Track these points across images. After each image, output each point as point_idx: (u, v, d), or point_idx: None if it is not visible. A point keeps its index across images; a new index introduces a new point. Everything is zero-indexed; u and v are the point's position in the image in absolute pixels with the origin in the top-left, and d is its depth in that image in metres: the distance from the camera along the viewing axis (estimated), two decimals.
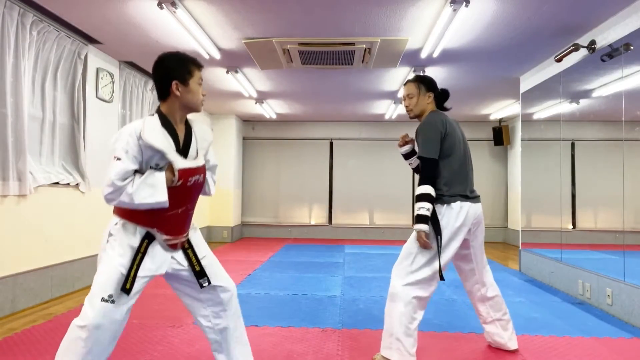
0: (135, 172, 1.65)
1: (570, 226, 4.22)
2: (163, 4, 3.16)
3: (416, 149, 2.55)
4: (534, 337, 2.79)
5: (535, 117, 4.95)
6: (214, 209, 7.81)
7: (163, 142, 1.65)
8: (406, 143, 2.58)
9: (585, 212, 4.18)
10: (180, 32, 3.71)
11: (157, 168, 1.66)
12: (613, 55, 3.38)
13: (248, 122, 8.50)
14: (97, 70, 4.31)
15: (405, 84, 2.49)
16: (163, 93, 1.73)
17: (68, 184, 3.82)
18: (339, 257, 6.10)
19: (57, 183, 3.67)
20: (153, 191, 1.61)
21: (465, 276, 2.51)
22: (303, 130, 8.49)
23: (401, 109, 6.79)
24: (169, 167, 1.67)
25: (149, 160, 1.65)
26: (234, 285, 1.96)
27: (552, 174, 4.40)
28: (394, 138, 8.24)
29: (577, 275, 3.88)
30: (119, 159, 1.60)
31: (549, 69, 4.46)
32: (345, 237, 8.33)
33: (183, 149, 1.73)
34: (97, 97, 4.31)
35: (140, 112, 5.05)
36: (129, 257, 1.66)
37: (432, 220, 2.27)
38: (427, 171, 2.28)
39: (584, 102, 4.02)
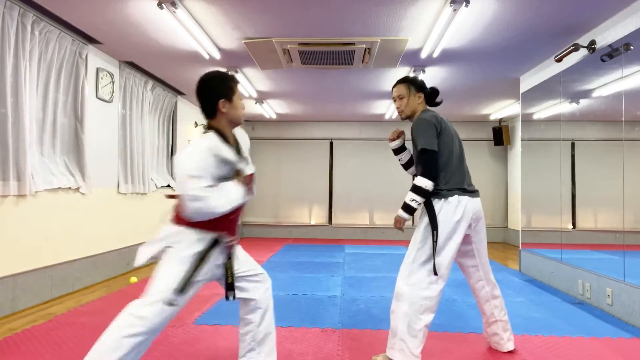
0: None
1: (570, 226, 4.22)
2: (163, 4, 3.16)
3: (406, 144, 2.58)
4: (534, 337, 2.79)
5: (535, 117, 4.95)
6: None
7: (231, 154, 1.80)
8: (397, 137, 2.61)
9: (585, 212, 4.18)
10: (181, 32, 3.71)
11: (225, 179, 1.78)
12: (613, 55, 3.38)
13: (248, 122, 8.50)
14: (97, 70, 4.31)
15: (394, 86, 2.51)
16: (211, 112, 1.85)
17: (69, 187, 3.81)
18: (339, 257, 6.10)
19: (59, 188, 3.67)
20: (229, 198, 1.73)
21: (469, 274, 2.50)
22: (303, 130, 8.49)
23: None
24: (236, 177, 1.81)
25: (220, 175, 1.77)
26: (269, 280, 2.16)
27: (552, 174, 4.40)
28: None
29: (577, 275, 3.88)
30: (199, 177, 1.67)
31: (549, 69, 4.46)
32: (345, 237, 8.33)
33: (237, 154, 1.89)
34: (97, 97, 4.31)
35: (140, 112, 5.06)
36: (189, 263, 1.75)
37: (430, 215, 2.28)
38: (428, 164, 2.29)
39: (584, 102, 4.02)
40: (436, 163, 2.30)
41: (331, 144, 8.53)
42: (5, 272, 3.17)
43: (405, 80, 2.48)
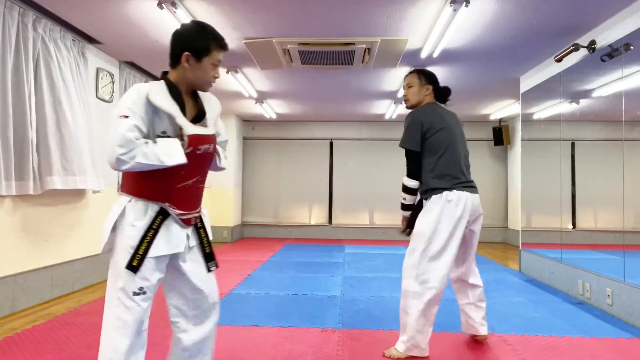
0: (143, 137, 1.52)
1: (570, 226, 4.22)
2: (163, 4, 3.16)
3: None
4: (534, 337, 2.79)
5: (535, 117, 4.95)
6: (214, 209, 7.81)
7: (171, 105, 1.55)
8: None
9: (585, 212, 4.18)
10: None
11: (165, 136, 1.54)
12: (613, 55, 3.38)
13: (248, 122, 8.50)
14: (97, 70, 4.31)
15: (406, 75, 2.58)
16: (173, 60, 1.64)
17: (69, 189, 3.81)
18: (339, 257, 6.10)
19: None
20: (169, 151, 1.49)
21: (457, 260, 2.50)
22: (303, 130, 8.48)
23: (401, 109, 6.79)
24: (178, 135, 1.56)
25: (155, 127, 1.54)
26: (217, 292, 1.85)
27: (552, 174, 4.40)
28: (394, 138, 8.24)
29: (577, 275, 3.88)
30: (126, 116, 1.45)
31: (549, 69, 4.46)
32: (345, 237, 8.33)
33: (193, 118, 1.65)
34: (97, 97, 4.31)
35: None
36: (139, 235, 1.53)
37: (429, 212, 2.33)
38: (408, 162, 2.39)
39: (584, 102, 4.02)
40: (415, 162, 2.37)
41: (331, 144, 8.52)
42: (5, 272, 3.17)
43: (417, 71, 2.56)
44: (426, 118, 2.36)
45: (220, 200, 7.73)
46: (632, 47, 3.17)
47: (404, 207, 2.45)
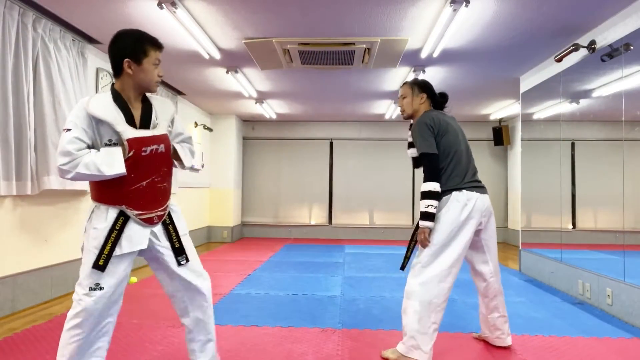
0: (89, 147, 1.64)
1: (570, 226, 4.22)
2: (163, 4, 3.16)
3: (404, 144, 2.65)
4: (534, 337, 2.79)
5: (535, 117, 4.95)
6: (214, 209, 7.81)
7: (110, 114, 1.65)
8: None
9: (585, 212, 4.18)
10: (180, 32, 3.71)
11: (112, 144, 1.65)
12: (613, 55, 3.38)
13: (248, 122, 8.50)
14: (97, 70, 4.31)
15: (400, 87, 2.61)
16: (116, 70, 1.75)
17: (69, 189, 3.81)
18: (339, 257, 6.10)
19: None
20: (111, 162, 1.60)
21: (479, 269, 2.50)
22: (303, 130, 8.49)
23: None
24: (122, 142, 1.67)
25: (101, 136, 1.65)
26: (208, 276, 1.97)
27: (552, 174, 4.40)
28: (394, 138, 8.25)
29: (577, 275, 3.88)
30: (69, 129, 1.59)
31: (549, 69, 4.46)
32: (345, 237, 8.33)
33: (140, 123, 1.73)
34: None
35: None
36: (102, 238, 1.65)
37: (439, 213, 2.32)
38: (428, 166, 2.33)
39: (584, 102, 4.02)
40: (438, 165, 2.33)
41: (331, 144, 8.52)
42: (5, 272, 3.17)
43: (409, 82, 2.58)
44: (432, 122, 2.36)
45: (220, 200, 7.73)
46: (632, 47, 3.17)
47: (430, 216, 2.26)
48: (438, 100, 2.56)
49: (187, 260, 1.83)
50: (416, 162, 2.63)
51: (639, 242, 3.27)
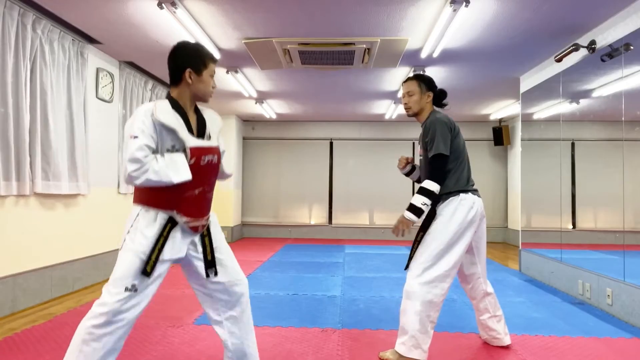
0: (154, 152, 1.67)
1: (570, 226, 4.22)
2: (163, 4, 3.16)
3: (416, 163, 2.61)
4: (534, 337, 2.79)
5: (535, 117, 4.95)
6: (214, 209, 7.74)
7: (175, 121, 1.69)
8: (407, 163, 2.66)
9: (585, 212, 4.18)
10: (180, 32, 3.71)
11: (174, 150, 1.69)
12: (613, 55, 3.38)
13: (248, 122, 8.50)
14: (97, 70, 4.31)
15: (405, 82, 2.52)
16: (176, 79, 1.79)
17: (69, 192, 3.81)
18: (339, 257, 6.10)
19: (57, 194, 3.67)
20: (176, 168, 1.64)
21: (467, 270, 2.52)
22: (303, 130, 8.49)
23: (401, 109, 6.79)
24: (183, 148, 1.71)
25: (164, 142, 1.68)
26: (246, 282, 1.99)
27: (552, 174, 4.40)
28: (394, 138, 8.25)
29: (577, 275, 3.88)
30: (136, 137, 1.61)
31: (549, 69, 4.46)
32: (345, 237, 8.33)
33: (197, 131, 1.79)
34: (97, 97, 4.31)
35: None
36: (150, 243, 1.67)
37: (443, 214, 2.32)
38: (439, 168, 2.32)
39: (584, 102, 4.02)
40: (446, 167, 2.34)
41: (331, 144, 8.52)
42: (5, 272, 3.17)
43: (417, 77, 2.49)
44: (450, 123, 2.36)
45: (220, 200, 7.73)
46: (632, 47, 3.17)
47: (419, 213, 2.30)
48: (440, 98, 2.52)
49: (216, 274, 1.86)
50: (418, 180, 2.63)
51: (639, 242, 3.27)
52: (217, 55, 4.29)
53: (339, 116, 7.95)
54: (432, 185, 2.28)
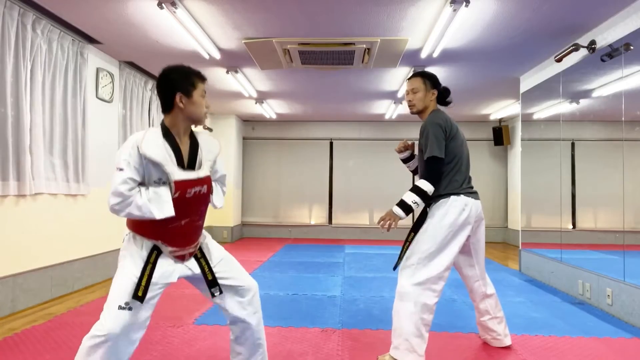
0: (140, 184, 1.67)
1: (570, 226, 4.22)
2: (163, 4, 3.16)
3: (415, 152, 2.58)
4: (534, 337, 2.79)
5: (535, 117, 4.95)
6: (214, 209, 7.79)
7: (161, 154, 1.67)
8: (406, 149, 2.61)
9: (585, 212, 4.18)
10: (180, 32, 3.71)
11: (161, 182, 1.68)
12: (613, 55, 3.38)
13: (248, 122, 8.50)
14: (97, 70, 4.31)
15: (409, 78, 2.48)
16: (167, 106, 1.75)
17: (68, 193, 3.81)
18: (339, 257, 6.10)
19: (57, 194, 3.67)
20: (160, 205, 1.64)
21: (465, 272, 2.52)
22: (303, 130, 8.49)
23: (401, 109, 6.79)
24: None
25: (150, 174, 1.67)
26: (256, 285, 2.02)
27: (552, 174, 4.40)
28: (394, 138, 8.25)
29: (577, 275, 3.88)
30: (121, 169, 1.62)
31: (549, 69, 4.46)
32: (345, 237, 8.33)
33: (188, 161, 1.76)
34: (97, 97, 4.31)
35: (140, 112, 5.05)
36: (140, 266, 1.70)
37: (434, 216, 2.30)
38: (433, 170, 2.30)
39: (584, 102, 4.02)
40: (441, 169, 2.31)
41: (331, 144, 8.52)
42: (5, 272, 3.17)
43: (422, 74, 2.45)
44: (445, 124, 2.32)
45: None
46: (632, 47, 3.17)
47: (409, 210, 2.28)
48: (444, 95, 2.49)
49: (221, 292, 1.87)
50: (415, 170, 2.61)
51: (639, 242, 3.27)
52: (216, 54, 4.29)
53: (339, 116, 7.95)
54: (426, 186, 2.27)
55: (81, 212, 4.03)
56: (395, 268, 2.42)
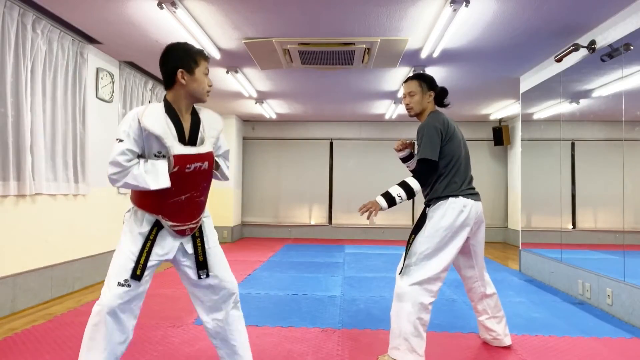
0: (139, 157, 1.70)
1: (570, 226, 4.22)
2: (163, 4, 3.16)
3: (415, 151, 2.58)
4: (534, 337, 2.79)
5: (535, 117, 4.95)
6: (214, 209, 7.80)
7: (161, 127, 1.68)
8: (405, 147, 2.61)
9: (585, 212, 4.18)
10: (180, 32, 3.71)
11: (160, 156, 1.69)
12: (613, 55, 3.38)
13: (248, 122, 8.50)
14: (97, 70, 4.31)
15: (406, 81, 2.48)
16: (169, 81, 1.76)
17: (69, 193, 3.81)
18: (339, 257, 6.10)
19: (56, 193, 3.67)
20: (156, 176, 1.65)
21: (465, 273, 2.53)
22: (303, 130, 8.49)
23: (401, 109, 6.79)
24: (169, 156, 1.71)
25: (151, 147, 1.69)
26: (236, 284, 1.97)
27: (552, 174, 4.40)
28: (394, 138, 8.24)
29: (577, 275, 3.88)
30: (121, 140, 1.64)
31: (549, 69, 4.46)
32: (345, 237, 8.33)
33: (189, 137, 1.77)
34: (97, 97, 4.31)
35: None
36: (139, 244, 1.73)
37: (432, 218, 2.30)
38: (422, 172, 2.30)
39: (584, 102, 4.02)
40: (433, 172, 2.32)
41: (331, 144, 8.52)
42: (5, 272, 3.17)
43: (418, 77, 2.45)
44: (442, 126, 2.31)
45: (220, 200, 7.73)
46: (632, 47, 3.17)
47: (392, 202, 2.27)
48: (442, 97, 2.48)
49: (208, 275, 1.87)
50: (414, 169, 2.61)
51: (639, 242, 3.27)
52: (216, 54, 4.29)
53: (339, 116, 7.95)
54: (415, 184, 2.27)
55: (81, 212, 4.03)
56: (400, 272, 2.40)
